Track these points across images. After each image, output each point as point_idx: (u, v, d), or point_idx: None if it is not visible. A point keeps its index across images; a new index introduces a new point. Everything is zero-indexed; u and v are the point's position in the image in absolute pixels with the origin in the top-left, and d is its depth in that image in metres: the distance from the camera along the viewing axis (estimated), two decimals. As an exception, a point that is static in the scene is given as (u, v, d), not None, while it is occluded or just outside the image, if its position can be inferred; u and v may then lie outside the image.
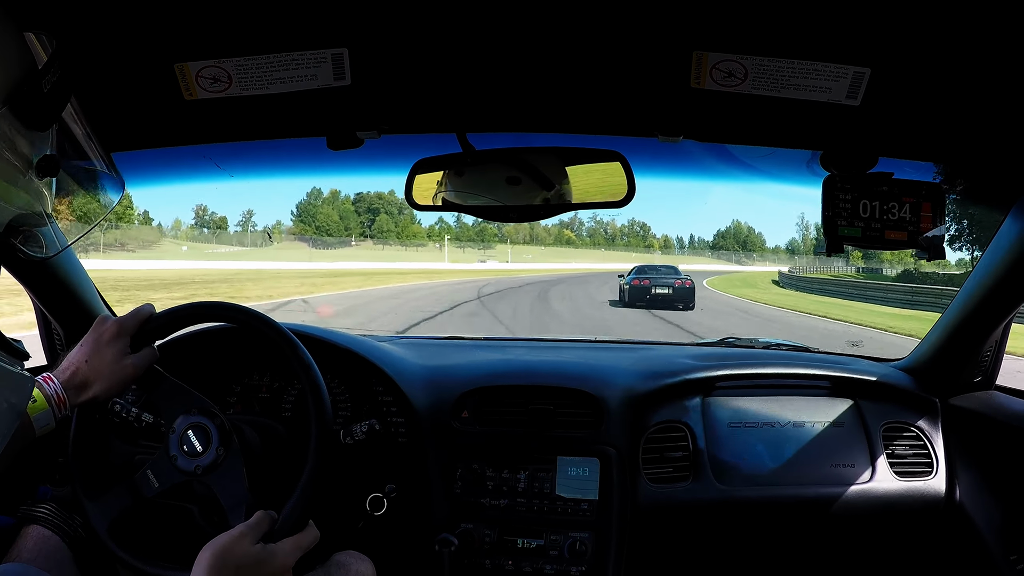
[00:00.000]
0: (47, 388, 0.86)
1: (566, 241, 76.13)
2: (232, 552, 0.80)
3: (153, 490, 0.95)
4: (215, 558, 0.78)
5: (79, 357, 0.91)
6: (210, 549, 0.80)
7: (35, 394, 0.84)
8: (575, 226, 67.32)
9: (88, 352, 0.91)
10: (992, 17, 0.71)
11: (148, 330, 0.98)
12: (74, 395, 0.89)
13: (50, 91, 0.64)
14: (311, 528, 0.90)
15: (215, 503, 0.95)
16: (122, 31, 0.78)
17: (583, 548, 1.25)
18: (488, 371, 1.42)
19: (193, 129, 1.03)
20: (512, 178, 1.05)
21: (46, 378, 0.88)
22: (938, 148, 1.01)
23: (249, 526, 0.84)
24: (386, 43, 0.83)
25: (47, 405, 0.85)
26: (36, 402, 0.84)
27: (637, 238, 75.12)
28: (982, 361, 1.46)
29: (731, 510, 1.37)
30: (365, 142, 1.03)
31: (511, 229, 56.45)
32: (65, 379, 0.89)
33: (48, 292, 1.34)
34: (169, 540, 1.09)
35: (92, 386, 0.90)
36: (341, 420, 1.33)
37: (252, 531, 0.84)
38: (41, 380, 0.87)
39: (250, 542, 0.82)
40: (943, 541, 1.46)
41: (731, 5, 0.74)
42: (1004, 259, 1.23)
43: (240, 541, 0.82)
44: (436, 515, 1.30)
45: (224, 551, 0.80)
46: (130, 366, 0.93)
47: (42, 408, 0.85)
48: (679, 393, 1.45)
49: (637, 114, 0.99)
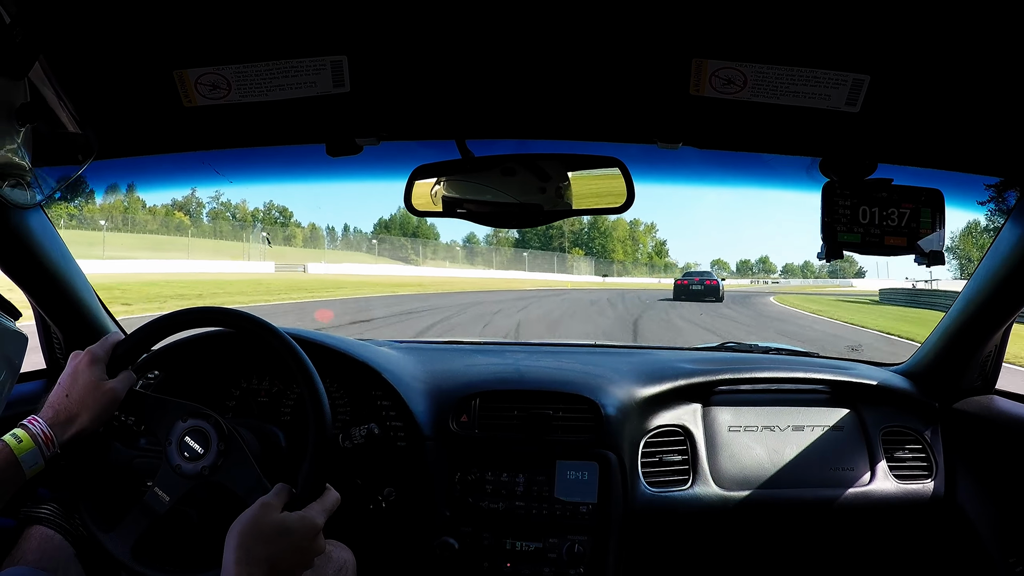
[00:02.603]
0: (33, 428, 0.86)
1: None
2: (260, 524, 0.80)
3: (165, 505, 0.95)
4: (244, 534, 0.79)
5: (59, 393, 0.91)
6: (238, 526, 0.80)
7: (21, 435, 0.85)
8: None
9: (67, 386, 0.92)
10: (990, 24, 0.71)
11: (119, 355, 0.98)
12: (61, 431, 0.89)
13: (23, 41, 0.66)
14: (330, 490, 0.90)
15: (225, 498, 0.95)
16: (121, 38, 0.78)
17: (581, 551, 1.25)
18: (487, 376, 1.42)
19: (192, 136, 1.03)
20: (511, 184, 1.05)
21: (31, 420, 0.88)
22: (937, 154, 1.01)
23: (271, 498, 0.84)
24: (385, 50, 0.83)
25: (33, 444, 0.85)
26: (22, 443, 0.85)
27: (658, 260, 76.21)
28: (982, 365, 1.46)
29: (730, 514, 1.37)
30: (364, 149, 1.03)
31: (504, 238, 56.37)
32: (50, 417, 0.89)
33: (47, 297, 1.34)
34: (180, 544, 1.09)
35: (77, 419, 0.91)
36: (340, 424, 1.33)
37: (275, 501, 0.84)
38: (27, 422, 0.87)
39: (275, 511, 0.83)
40: (942, 544, 1.46)
41: (730, 13, 0.74)
42: (1003, 264, 1.23)
43: (267, 512, 0.82)
44: (435, 518, 1.30)
45: (252, 524, 0.80)
46: (110, 391, 0.93)
47: (28, 448, 0.85)
48: (678, 397, 1.45)
49: (636, 121, 0.99)
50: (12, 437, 0.85)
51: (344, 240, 45.50)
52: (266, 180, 1.27)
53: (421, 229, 46.14)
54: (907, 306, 18.51)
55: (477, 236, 58.25)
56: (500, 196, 1.07)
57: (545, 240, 60.82)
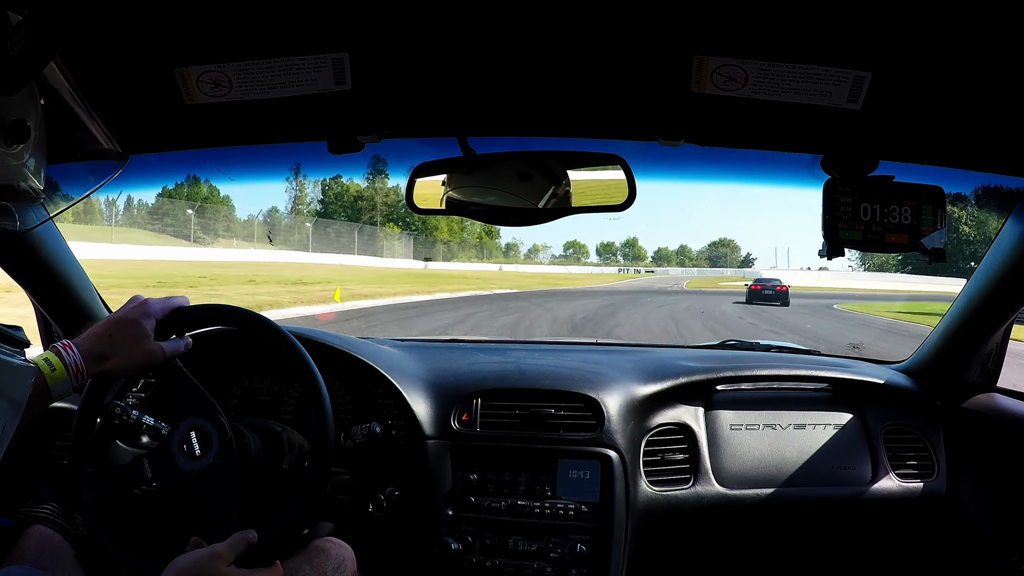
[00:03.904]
0: (67, 357, 0.85)
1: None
2: (203, 572, 0.81)
3: (145, 480, 0.96)
4: (185, 574, 0.79)
5: (103, 329, 0.91)
6: (181, 563, 0.80)
7: (55, 362, 0.84)
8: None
9: (112, 326, 0.91)
10: (991, 21, 0.71)
11: (172, 320, 0.98)
12: (92, 364, 0.88)
13: (18, 54, 0.63)
14: (277, 568, 0.90)
15: (201, 508, 0.95)
16: (123, 36, 0.78)
17: (583, 551, 1.25)
18: (489, 374, 1.42)
19: (194, 133, 1.03)
20: (512, 181, 1.05)
21: (66, 345, 0.87)
22: (938, 151, 1.01)
23: (225, 548, 0.84)
24: (387, 47, 0.83)
25: (66, 374, 0.85)
26: (56, 370, 0.84)
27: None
28: (983, 363, 1.46)
29: (732, 512, 1.37)
30: (366, 146, 1.03)
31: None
32: (85, 348, 0.88)
33: (46, 292, 1.34)
34: (153, 536, 1.09)
35: (109, 360, 0.90)
36: (342, 423, 1.33)
37: (227, 552, 0.84)
38: (61, 348, 0.86)
39: (223, 563, 0.83)
40: (944, 542, 1.46)
41: (732, 10, 0.74)
42: (1005, 262, 1.23)
43: (213, 563, 0.82)
44: (437, 518, 1.29)
45: (192, 571, 0.80)
46: (150, 351, 0.93)
47: (61, 377, 0.84)
48: (680, 395, 1.45)
49: (638, 118, 0.99)
50: (46, 363, 0.84)
51: (127, 215, 31.73)
52: (268, 178, 1.27)
53: (211, 198, 34.52)
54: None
55: (279, 207, 47.44)
56: (502, 194, 1.07)
57: (353, 213, 47.71)
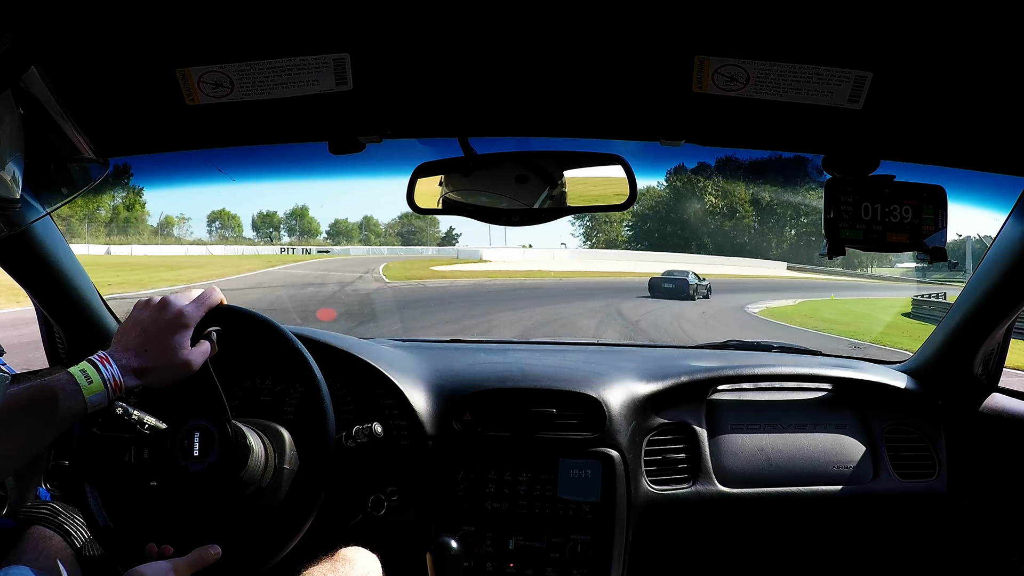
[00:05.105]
0: (105, 372, 0.83)
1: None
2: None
3: (145, 480, 0.98)
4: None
5: (138, 342, 0.87)
6: (136, 574, 0.81)
7: (93, 375, 0.82)
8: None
9: (148, 340, 0.88)
10: (993, 21, 0.71)
11: (207, 320, 0.96)
12: (130, 379, 0.86)
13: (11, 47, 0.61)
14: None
15: (200, 508, 0.97)
16: (124, 36, 0.78)
17: (585, 550, 1.25)
18: (490, 374, 1.42)
19: (195, 134, 1.03)
20: (514, 181, 1.05)
21: (103, 359, 0.84)
22: (939, 151, 1.01)
23: (184, 563, 0.85)
24: (388, 48, 0.83)
25: (103, 387, 0.83)
26: (92, 383, 0.82)
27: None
28: (984, 363, 1.46)
29: (733, 512, 1.37)
30: (367, 146, 1.03)
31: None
32: (123, 364, 0.85)
33: (49, 295, 1.34)
34: (152, 536, 1.10)
35: (149, 373, 0.87)
36: (343, 423, 1.33)
37: (184, 569, 0.85)
38: (98, 361, 0.84)
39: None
40: (945, 542, 1.46)
41: (733, 10, 0.74)
42: (1005, 261, 1.23)
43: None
44: (438, 517, 1.30)
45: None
46: (187, 364, 0.90)
47: (97, 390, 0.82)
48: (681, 395, 1.45)
49: (639, 118, 0.99)
50: (83, 376, 0.82)
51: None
52: (269, 178, 1.27)
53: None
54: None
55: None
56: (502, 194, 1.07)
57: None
